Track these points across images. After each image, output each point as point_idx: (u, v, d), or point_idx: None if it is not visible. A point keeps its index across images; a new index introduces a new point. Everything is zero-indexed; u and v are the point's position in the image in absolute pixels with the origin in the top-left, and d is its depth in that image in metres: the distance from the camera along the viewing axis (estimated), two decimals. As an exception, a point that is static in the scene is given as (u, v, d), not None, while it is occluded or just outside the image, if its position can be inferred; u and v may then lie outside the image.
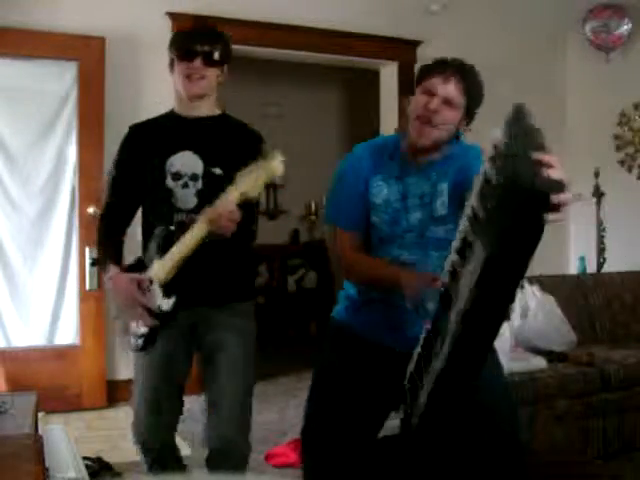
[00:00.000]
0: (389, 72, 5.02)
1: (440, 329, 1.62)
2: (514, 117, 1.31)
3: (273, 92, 6.73)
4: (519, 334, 3.35)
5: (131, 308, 2.03)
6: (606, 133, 5.22)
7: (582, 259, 5.02)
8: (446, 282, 1.61)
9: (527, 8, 5.11)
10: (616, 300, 3.93)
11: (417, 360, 1.76)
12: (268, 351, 5.00)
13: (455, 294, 1.54)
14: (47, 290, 4.07)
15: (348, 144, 5.42)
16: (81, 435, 3.56)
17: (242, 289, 2.22)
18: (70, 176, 4.08)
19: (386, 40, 4.77)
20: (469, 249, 1.46)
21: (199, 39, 2.14)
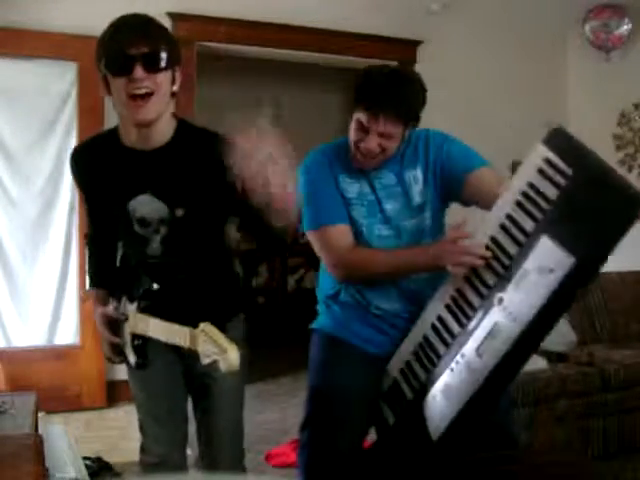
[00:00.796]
0: (389, 72, 5.01)
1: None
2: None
3: (272, 92, 6.73)
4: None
5: (105, 342, 1.95)
6: (606, 133, 5.21)
7: (582, 259, 5.02)
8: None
9: (527, 8, 5.11)
10: (616, 300, 3.93)
11: (415, 353, 1.78)
12: (268, 351, 5.01)
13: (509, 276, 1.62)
14: (47, 290, 4.07)
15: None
16: (81, 435, 3.55)
17: (226, 306, 1.99)
18: (70, 176, 4.07)
19: (386, 40, 4.76)
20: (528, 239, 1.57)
21: (131, 39, 1.67)
